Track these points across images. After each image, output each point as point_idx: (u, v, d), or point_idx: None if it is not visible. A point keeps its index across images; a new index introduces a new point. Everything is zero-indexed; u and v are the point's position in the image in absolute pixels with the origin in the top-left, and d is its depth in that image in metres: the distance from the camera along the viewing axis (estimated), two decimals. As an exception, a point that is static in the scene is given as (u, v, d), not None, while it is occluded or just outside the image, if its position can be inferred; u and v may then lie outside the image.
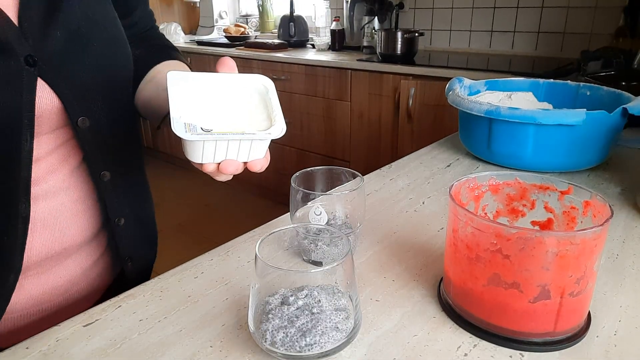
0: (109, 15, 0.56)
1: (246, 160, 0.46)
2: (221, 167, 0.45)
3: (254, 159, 0.46)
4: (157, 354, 0.43)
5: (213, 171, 0.46)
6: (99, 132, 0.56)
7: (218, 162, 0.46)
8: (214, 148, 0.44)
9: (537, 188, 0.51)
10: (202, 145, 0.43)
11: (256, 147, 0.45)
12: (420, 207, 0.71)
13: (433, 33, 2.55)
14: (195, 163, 0.46)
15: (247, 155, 0.46)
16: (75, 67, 0.51)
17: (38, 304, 0.59)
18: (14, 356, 0.43)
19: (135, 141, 0.66)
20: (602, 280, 0.53)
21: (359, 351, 0.43)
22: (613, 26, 1.76)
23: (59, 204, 0.56)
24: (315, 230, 0.53)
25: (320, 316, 0.39)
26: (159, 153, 3.64)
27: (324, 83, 2.37)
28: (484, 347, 0.43)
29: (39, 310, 0.59)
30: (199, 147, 0.44)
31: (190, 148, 0.44)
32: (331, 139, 2.45)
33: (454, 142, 1.01)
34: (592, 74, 1.18)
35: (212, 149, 0.44)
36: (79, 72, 0.51)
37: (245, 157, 0.46)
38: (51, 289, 0.59)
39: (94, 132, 0.55)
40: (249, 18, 3.50)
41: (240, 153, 0.45)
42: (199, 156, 0.45)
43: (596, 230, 0.39)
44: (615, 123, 0.78)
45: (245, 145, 0.45)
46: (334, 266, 0.40)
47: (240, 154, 0.45)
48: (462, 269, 0.45)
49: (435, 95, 1.97)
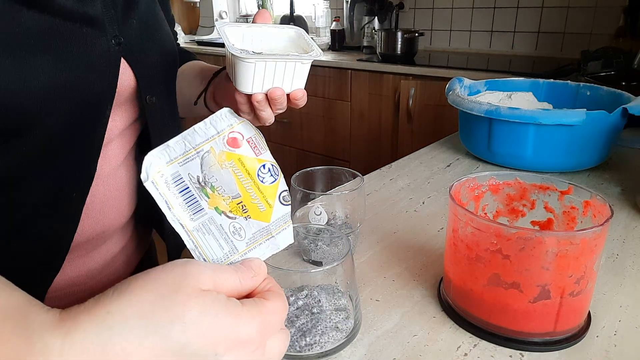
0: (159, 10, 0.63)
1: (289, 89, 0.50)
2: (270, 93, 0.49)
3: (296, 88, 0.51)
4: (157, 354, 0.43)
5: (262, 101, 0.50)
6: (161, 109, 0.61)
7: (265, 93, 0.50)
8: (263, 73, 0.48)
9: (537, 188, 0.51)
10: (253, 69, 0.47)
11: (298, 74, 0.50)
12: (420, 207, 0.71)
13: (433, 33, 2.55)
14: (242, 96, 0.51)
15: (291, 84, 0.50)
16: (147, 50, 0.57)
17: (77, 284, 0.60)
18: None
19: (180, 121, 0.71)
20: (602, 280, 0.53)
21: (359, 351, 0.43)
22: (613, 26, 1.77)
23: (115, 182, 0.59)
24: (315, 230, 0.53)
25: (320, 316, 0.39)
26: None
27: (324, 83, 2.37)
28: (484, 347, 0.43)
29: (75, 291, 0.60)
30: (250, 70, 0.47)
31: (242, 74, 0.48)
32: (331, 139, 2.45)
33: (454, 142, 1.01)
34: (592, 74, 1.18)
35: (262, 74, 0.48)
36: (149, 57, 0.57)
37: (289, 86, 0.50)
38: (87, 271, 0.61)
39: (158, 109, 0.60)
40: (249, 18, 3.50)
41: (285, 80, 0.50)
42: (250, 84, 0.49)
43: (596, 230, 0.39)
44: (615, 123, 0.78)
45: (289, 70, 0.49)
46: (334, 266, 0.40)
47: (285, 81, 0.50)
48: (462, 269, 0.45)
49: (435, 95, 1.97)
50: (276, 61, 0.48)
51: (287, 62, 0.48)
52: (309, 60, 0.50)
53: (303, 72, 0.50)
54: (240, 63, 0.47)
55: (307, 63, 0.50)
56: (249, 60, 0.46)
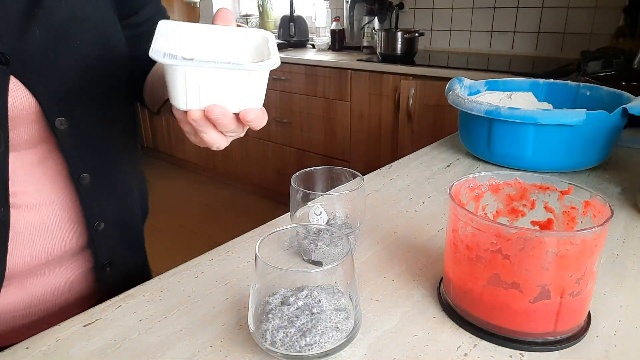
0: (100, 14, 0.54)
1: (237, 108, 0.40)
2: (207, 111, 0.39)
3: (247, 107, 0.40)
4: (157, 354, 0.43)
5: (199, 120, 0.40)
6: (79, 133, 0.54)
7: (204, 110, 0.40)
8: (198, 84, 0.38)
9: (537, 188, 0.51)
10: (184, 78, 0.38)
11: (248, 88, 0.39)
12: (420, 207, 0.71)
13: (433, 33, 2.55)
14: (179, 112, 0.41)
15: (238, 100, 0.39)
16: (55, 66, 0.49)
17: (40, 304, 0.59)
18: (14, 356, 0.43)
19: (123, 142, 0.63)
20: (602, 280, 0.53)
21: (359, 351, 0.43)
22: (613, 26, 1.76)
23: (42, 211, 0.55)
24: (315, 230, 0.53)
25: (320, 316, 0.39)
26: (159, 153, 3.64)
27: (324, 83, 2.37)
28: (484, 347, 0.43)
29: (40, 310, 0.59)
30: (180, 79, 0.38)
31: (173, 84, 0.39)
32: (331, 139, 2.45)
33: (454, 142, 1.01)
34: (592, 74, 1.18)
35: (196, 86, 0.38)
36: (59, 71, 0.49)
37: (235, 102, 0.39)
38: (53, 289, 0.59)
39: (73, 134, 0.53)
40: (249, 18, 3.50)
41: (230, 95, 0.39)
42: (182, 97, 0.39)
43: (596, 230, 0.39)
44: (615, 123, 0.78)
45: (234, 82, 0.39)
46: (334, 266, 0.39)
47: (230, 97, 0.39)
48: (462, 269, 0.45)
49: (435, 95, 1.97)
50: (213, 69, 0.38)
51: (231, 71, 0.38)
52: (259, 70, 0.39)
53: (255, 85, 0.40)
54: (168, 69, 0.38)
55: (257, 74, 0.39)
56: (176, 65, 0.37)
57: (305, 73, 2.42)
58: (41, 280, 0.58)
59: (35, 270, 0.57)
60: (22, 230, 0.54)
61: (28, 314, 0.59)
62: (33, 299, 0.58)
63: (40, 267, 0.57)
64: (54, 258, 0.58)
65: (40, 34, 0.47)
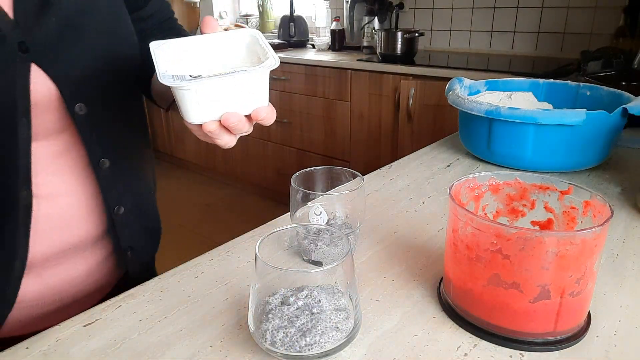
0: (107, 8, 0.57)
1: (248, 110, 0.42)
2: (223, 120, 0.42)
3: (257, 106, 0.42)
4: (157, 354, 0.43)
5: (215, 130, 0.43)
6: (97, 119, 0.56)
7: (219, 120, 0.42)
8: (208, 98, 0.40)
9: (537, 188, 0.51)
10: (194, 96, 0.40)
11: (254, 89, 0.42)
12: (420, 207, 0.71)
13: (433, 33, 2.55)
14: (194, 126, 0.43)
15: (247, 103, 0.42)
16: (70, 53, 0.51)
17: (56, 294, 0.59)
18: (14, 356, 0.43)
19: (137, 130, 0.66)
20: (602, 280, 0.53)
21: (359, 351, 0.43)
22: (613, 26, 1.76)
23: (62, 202, 0.56)
24: (315, 230, 0.53)
25: (320, 316, 0.39)
26: (159, 153, 3.64)
27: (324, 83, 2.37)
28: (484, 347, 0.43)
29: (55, 300, 0.60)
30: (192, 98, 0.40)
31: (184, 103, 0.40)
32: (331, 139, 2.45)
33: (454, 142, 1.01)
34: (592, 74, 1.18)
35: (206, 100, 0.40)
36: (76, 58, 0.51)
37: (245, 106, 0.42)
38: (69, 279, 0.60)
39: (92, 119, 0.55)
40: (249, 18, 3.50)
41: (239, 100, 0.41)
42: (196, 113, 0.41)
43: (596, 230, 0.39)
44: (615, 123, 0.78)
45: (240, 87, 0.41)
46: (334, 266, 0.39)
47: (239, 102, 0.41)
48: (462, 269, 0.45)
49: (435, 95, 1.97)
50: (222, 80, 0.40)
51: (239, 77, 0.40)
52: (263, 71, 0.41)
53: (259, 85, 0.42)
54: (178, 92, 0.40)
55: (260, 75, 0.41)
56: (185, 87, 0.39)
57: (305, 73, 2.42)
58: (58, 271, 0.59)
59: (53, 260, 0.58)
60: (42, 221, 0.55)
61: (42, 304, 0.60)
62: (49, 288, 0.59)
63: (59, 257, 0.58)
64: (72, 247, 0.59)
65: (56, 24, 0.49)
